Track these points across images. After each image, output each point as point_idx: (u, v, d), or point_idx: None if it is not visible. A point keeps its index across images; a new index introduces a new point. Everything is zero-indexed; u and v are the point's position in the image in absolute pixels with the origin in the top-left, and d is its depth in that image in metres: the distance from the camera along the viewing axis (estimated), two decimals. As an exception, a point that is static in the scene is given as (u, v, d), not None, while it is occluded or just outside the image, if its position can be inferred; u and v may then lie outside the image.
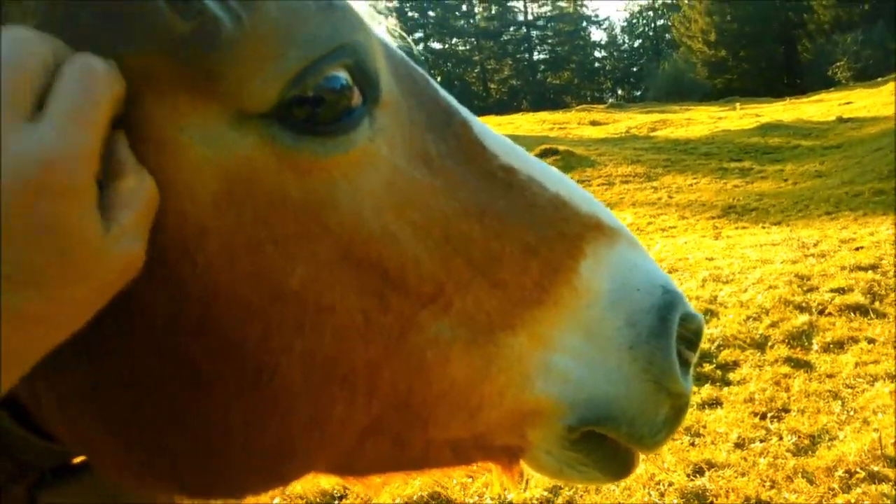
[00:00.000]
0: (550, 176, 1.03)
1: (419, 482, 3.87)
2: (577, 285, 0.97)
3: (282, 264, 0.79)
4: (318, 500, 4.30)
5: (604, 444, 1.02)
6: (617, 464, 1.05)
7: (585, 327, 0.98)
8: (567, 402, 0.97)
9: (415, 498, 4.21)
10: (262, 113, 0.77)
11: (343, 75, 0.81)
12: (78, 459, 0.91)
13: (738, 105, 29.45)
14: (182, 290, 0.76)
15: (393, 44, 0.99)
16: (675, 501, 4.24)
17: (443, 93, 1.02)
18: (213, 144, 0.76)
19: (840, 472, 4.36)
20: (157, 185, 0.73)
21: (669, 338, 1.00)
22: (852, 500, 4.08)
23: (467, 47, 78.59)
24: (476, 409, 0.94)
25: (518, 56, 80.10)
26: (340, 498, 4.30)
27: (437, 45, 76.98)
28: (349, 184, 0.83)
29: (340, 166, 0.82)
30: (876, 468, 4.35)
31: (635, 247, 1.07)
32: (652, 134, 23.48)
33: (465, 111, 1.02)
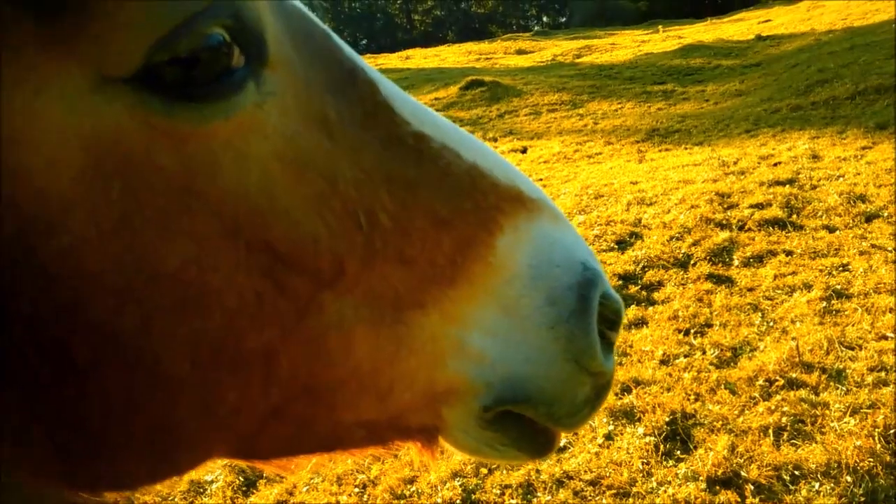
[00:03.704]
0: (468, 144, 0.97)
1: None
2: (493, 261, 0.92)
3: (156, 244, 0.71)
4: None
5: (522, 422, 0.99)
6: (537, 442, 1.02)
7: (503, 305, 0.93)
8: (483, 382, 0.93)
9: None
10: (126, 77, 0.68)
11: (220, 33, 0.71)
12: None
13: (660, 27, 29.46)
14: (47, 273, 0.68)
15: None
16: (605, 420, 4.32)
17: (347, 51, 0.92)
18: (74, 110, 0.67)
19: (761, 381, 4.50)
20: (13, 153, 0.64)
21: (590, 317, 0.96)
22: (772, 407, 4.21)
23: (389, -22, 76.48)
24: (386, 391, 0.89)
25: (441, -15, 78.52)
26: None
27: (357, -23, 74.81)
28: (232, 153, 0.74)
29: (222, 134, 0.73)
30: (794, 375, 4.50)
31: (558, 220, 1.02)
32: (577, 61, 23.42)
33: (373, 72, 0.93)
